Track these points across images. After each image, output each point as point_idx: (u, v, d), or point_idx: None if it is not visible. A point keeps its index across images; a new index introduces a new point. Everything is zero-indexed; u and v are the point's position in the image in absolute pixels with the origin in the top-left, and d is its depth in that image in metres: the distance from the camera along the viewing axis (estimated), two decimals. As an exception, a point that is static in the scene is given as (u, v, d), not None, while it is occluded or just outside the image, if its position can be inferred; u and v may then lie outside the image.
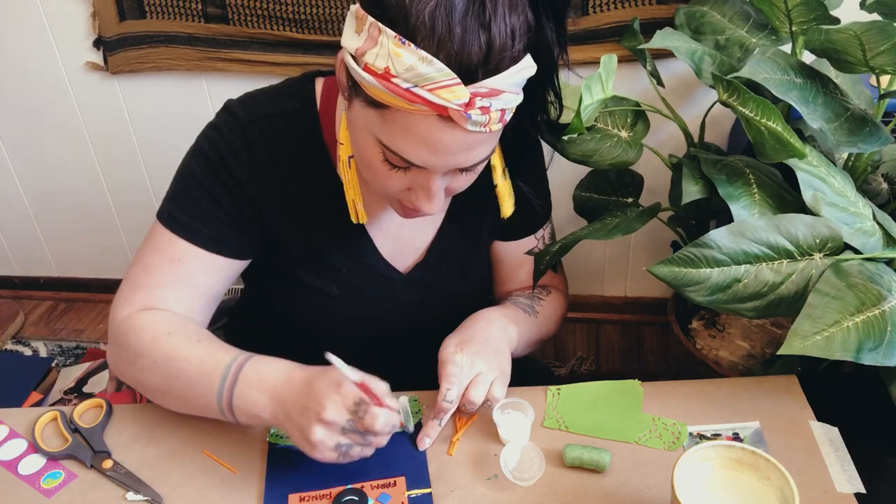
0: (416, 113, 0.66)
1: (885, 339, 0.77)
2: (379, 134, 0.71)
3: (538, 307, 1.02)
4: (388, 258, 0.94)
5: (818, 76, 0.99)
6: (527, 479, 0.77)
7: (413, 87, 0.64)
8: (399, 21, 0.63)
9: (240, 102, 0.87)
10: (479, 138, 0.70)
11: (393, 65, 0.64)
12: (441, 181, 0.75)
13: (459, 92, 0.64)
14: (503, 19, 0.63)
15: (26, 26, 1.72)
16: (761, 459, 0.66)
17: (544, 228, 1.05)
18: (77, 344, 2.02)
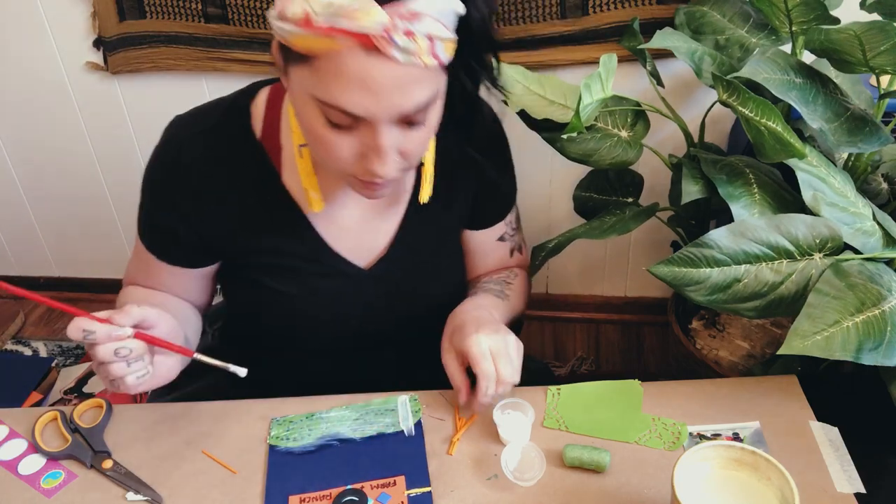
0: (343, 52, 0.66)
1: (885, 339, 0.77)
2: (315, 91, 0.70)
3: (508, 291, 1.02)
4: (346, 254, 0.93)
5: (818, 76, 0.99)
6: (527, 480, 0.77)
7: (332, 19, 0.64)
8: None
9: (182, 120, 0.89)
10: (413, 74, 0.68)
11: (310, 7, 0.64)
12: (389, 135, 0.73)
13: (375, 12, 0.63)
14: None
15: (26, 26, 1.72)
16: (761, 459, 0.66)
17: (511, 212, 1.04)
18: (77, 344, 2.02)
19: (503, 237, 1.04)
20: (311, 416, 0.88)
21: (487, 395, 0.82)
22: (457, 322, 0.89)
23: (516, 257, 1.08)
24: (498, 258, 1.06)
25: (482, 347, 0.82)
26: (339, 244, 0.92)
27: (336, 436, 0.85)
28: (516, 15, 1.47)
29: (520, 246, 1.08)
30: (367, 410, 0.88)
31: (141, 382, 0.77)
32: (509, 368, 0.82)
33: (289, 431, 0.86)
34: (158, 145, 0.88)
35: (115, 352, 0.74)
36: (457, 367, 0.85)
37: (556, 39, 1.48)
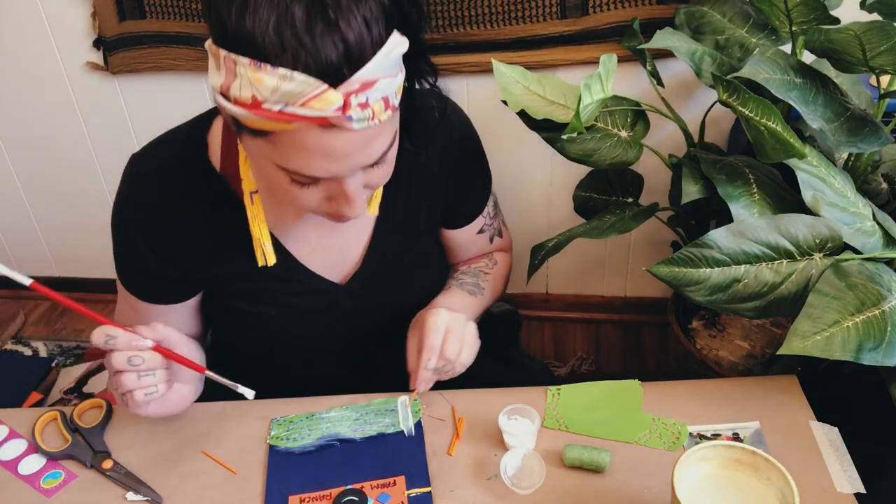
0: (299, 130, 0.65)
1: (885, 339, 0.77)
2: (275, 159, 0.69)
3: (483, 283, 1.02)
4: (320, 271, 0.92)
5: (818, 76, 0.99)
6: (526, 488, 0.77)
7: (284, 107, 0.63)
8: (248, 46, 0.61)
9: (139, 156, 0.87)
10: (372, 132, 0.68)
11: (258, 91, 0.62)
12: (355, 183, 0.73)
13: (330, 97, 0.62)
14: (350, 12, 0.62)
15: (26, 26, 1.72)
16: (761, 459, 0.66)
17: (488, 204, 1.03)
18: (77, 344, 2.02)
19: (482, 229, 1.04)
20: (311, 416, 0.88)
21: (428, 367, 0.83)
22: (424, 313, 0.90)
23: (496, 242, 1.08)
24: (478, 248, 1.07)
25: (438, 322, 0.84)
26: (312, 262, 0.92)
27: (336, 436, 0.85)
28: (516, 15, 1.47)
29: (499, 231, 1.08)
30: (367, 410, 0.88)
31: (149, 400, 0.77)
32: (456, 346, 0.83)
33: (289, 431, 0.86)
34: (119, 187, 0.87)
35: (129, 359, 0.74)
36: (415, 348, 0.86)
37: (556, 39, 1.48)
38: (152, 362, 0.76)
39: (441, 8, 1.47)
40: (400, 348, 0.91)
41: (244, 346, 0.98)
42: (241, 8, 0.61)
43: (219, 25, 0.63)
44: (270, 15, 0.61)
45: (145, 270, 0.89)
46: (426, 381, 0.85)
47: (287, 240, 0.90)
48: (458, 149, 0.94)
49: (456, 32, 1.50)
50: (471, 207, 1.01)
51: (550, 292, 1.96)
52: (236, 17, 0.62)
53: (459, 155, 0.95)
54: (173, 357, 0.79)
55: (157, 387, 0.77)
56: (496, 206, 1.07)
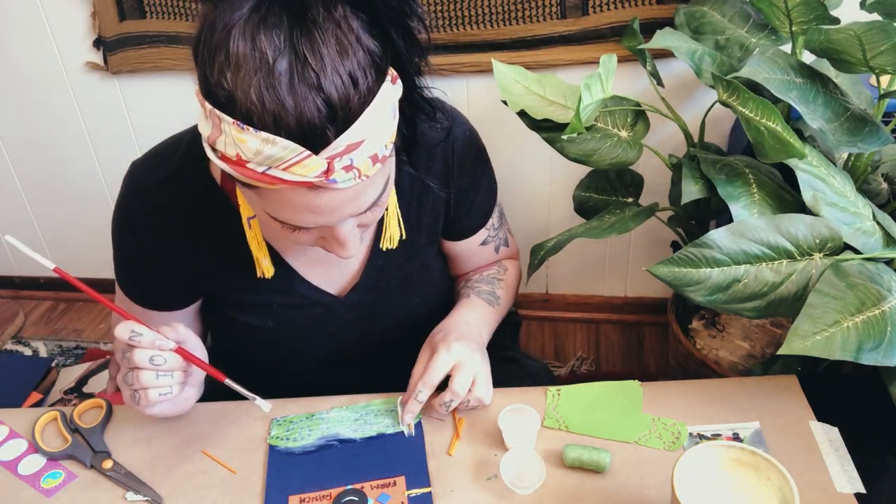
0: (283, 189, 0.64)
1: (885, 339, 0.77)
2: (265, 209, 0.69)
3: (499, 291, 1.01)
4: (320, 284, 0.92)
5: (818, 76, 0.99)
6: (526, 488, 0.77)
7: (267, 169, 0.62)
8: (231, 106, 0.60)
9: (140, 166, 0.87)
10: (360, 187, 0.67)
11: (242, 151, 0.61)
12: (346, 227, 0.72)
13: (313, 163, 0.61)
14: (335, 70, 0.60)
15: (26, 26, 1.72)
16: (761, 459, 0.66)
17: (493, 216, 1.02)
18: (77, 344, 2.02)
19: (486, 241, 1.03)
20: (311, 416, 0.88)
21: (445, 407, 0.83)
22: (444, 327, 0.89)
23: (503, 252, 1.07)
24: (483, 258, 1.06)
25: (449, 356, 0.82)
26: (311, 274, 0.91)
27: (336, 436, 0.85)
28: (516, 15, 1.47)
29: (505, 240, 1.07)
30: (367, 411, 0.88)
31: (161, 400, 0.77)
32: (463, 385, 0.82)
33: (289, 432, 0.86)
34: (119, 197, 0.87)
35: (151, 359, 0.74)
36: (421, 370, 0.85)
37: (556, 39, 1.49)
38: (173, 363, 0.76)
39: (441, 8, 1.48)
40: (399, 359, 0.91)
41: (242, 353, 0.98)
42: (224, 66, 0.60)
43: (204, 80, 0.63)
44: (253, 75, 0.59)
45: (144, 279, 0.90)
46: (412, 412, 0.84)
47: (287, 253, 0.89)
48: (459, 164, 0.93)
49: (456, 32, 1.50)
50: (473, 220, 1.00)
51: (550, 292, 1.96)
52: (219, 75, 0.61)
53: (461, 170, 0.93)
54: (194, 361, 0.78)
55: (171, 388, 0.77)
56: (502, 216, 1.06)
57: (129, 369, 0.75)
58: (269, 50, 0.59)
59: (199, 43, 0.63)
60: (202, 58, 0.63)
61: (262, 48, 0.59)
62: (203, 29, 0.63)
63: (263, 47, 0.59)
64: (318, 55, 0.60)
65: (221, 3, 0.62)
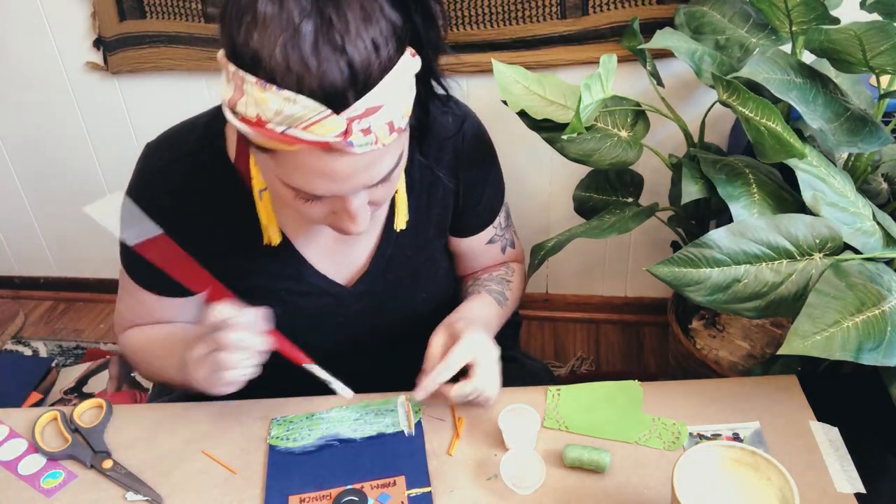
0: (301, 151, 0.65)
1: (885, 339, 0.77)
2: (279, 175, 0.70)
3: (507, 292, 1.01)
4: (328, 273, 0.92)
5: (818, 76, 0.99)
6: (526, 488, 0.77)
7: (287, 129, 0.63)
8: (255, 65, 0.61)
9: (155, 147, 0.87)
10: (375, 155, 0.68)
11: (262, 111, 0.62)
12: (358, 201, 0.73)
13: (333, 123, 0.62)
14: (358, 35, 0.61)
15: (26, 26, 1.72)
16: (761, 459, 0.66)
17: (500, 215, 1.03)
18: (77, 344, 2.02)
19: (493, 239, 1.03)
20: (311, 416, 0.88)
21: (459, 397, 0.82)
22: (464, 314, 0.89)
23: (509, 253, 1.07)
24: (489, 258, 1.06)
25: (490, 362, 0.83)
26: (319, 263, 0.92)
27: (336, 436, 0.85)
28: (516, 15, 1.47)
29: (511, 241, 1.07)
30: (367, 410, 0.88)
31: (236, 382, 0.77)
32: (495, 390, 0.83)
33: (289, 431, 0.86)
34: (133, 179, 0.87)
35: (244, 341, 0.75)
36: (440, 349, 0.84)
37: (556, 39, 1.49)
38: (262, 347, 0.77)
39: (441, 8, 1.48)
40: (403, 353, 0.90)
41: None
42: (251, 26, 0.61)
43: (229, 41, 0.63)
44: (279, 35, 0.60)
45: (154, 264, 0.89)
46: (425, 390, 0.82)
47: (297, 241, 0.90)
48: (468, 157, 0.93)
49: (456, 32, 1.50)
50: (481, 217, 1.00)
51: (550, 292, 1.96)
52: (245, 35, 0.62)
53: (470, 163, 0.94)
54: (285, 346, 0.79)
55: (247, 371, 0.77)
56: (508, 217, 1.06)
57: (217, 349, 0.75)
58: (295, 11, 0.61)
59: (227, 5, 0.64)
60: (229, 20, 0.63)
61: (289, 9, 0.61)
62: None
63: (290, 8, 0.61)
64: (344, 19, 0.61)
65: None
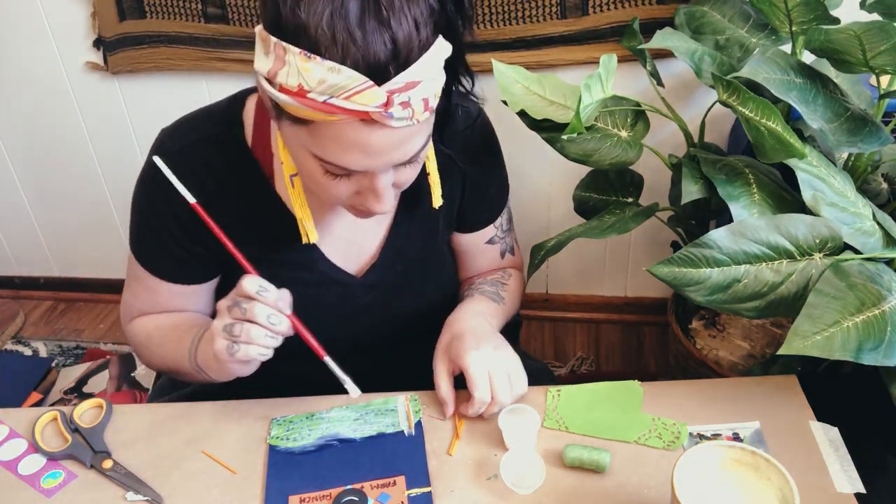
0: (339, 122, 0.66)
1: (885, 339, 0.77)
2: (312, 148, 0.71)
3: (503, 293, 1.01)
4: (339, 263, 0.93)
5: (818, 76, 0.99)
6: (526, 488, 0.77)
7: (329, 98, 0.64)
8: (300, 36, 0.63)
9: (170, 132, 0.88)
10: (409, 132, 0.69)
11: (305, 81, 0.64)
12: (386, 179, 0.74)
13: (375, 94, 0.64)
14: (402, 12, 0.63)
15: (26, 26, 1.72)
16: (761, 459, 0.66)
17: (502, 215, 1.03)
18: (77, 344, 2.02)
19: (493, 240, 1.04)
20: (311, 416, 0.88)
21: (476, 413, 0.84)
22: (454, 330, 0.89)
23: (508, 259, 1.08)
24: (488, 260, 1.06)
25: (481, 370, 0.83)
26: (331, 252, 0.92)
27: (336, 436, 0.85)
28: (516, 15, 1.47)
29: (511, 248, 1.08)
30: (367, 410, 0.88)
31: (256, 359, 0.77)
32: (506, 392, 0.83)
33: (289, 431, 0.86)
34: (147, 160, 0.87)
35: (269, 317, 0.75)
36: (446, 378, 0.86)
37: (556, 39, 1.49)
38: (284, 328, 0.77)
39: (441, 8, 1.48)
40: (413, 346, 0.91)
41: None
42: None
43: (273, 13, 0.65)
44: (325, 8, 0.62)
45: (167, 248, 0.89)
46: None
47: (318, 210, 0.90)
48: (475, 150, 0.95)
49: (456, 32, 1.50)
50: (484, 212, 1.01)
51: (550, 292, 1.96)
52: (291, 7, 0.63)
53: (476, 156, 0.95)
54: (302, 331, 0.79)
55: (269, 350, 0.78)
56: (510, 221, 1.07)
57: (241, 321, 0.76)
58: None
59: None
60: None
61: None
62: None
63: None
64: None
65: None
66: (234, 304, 0.77)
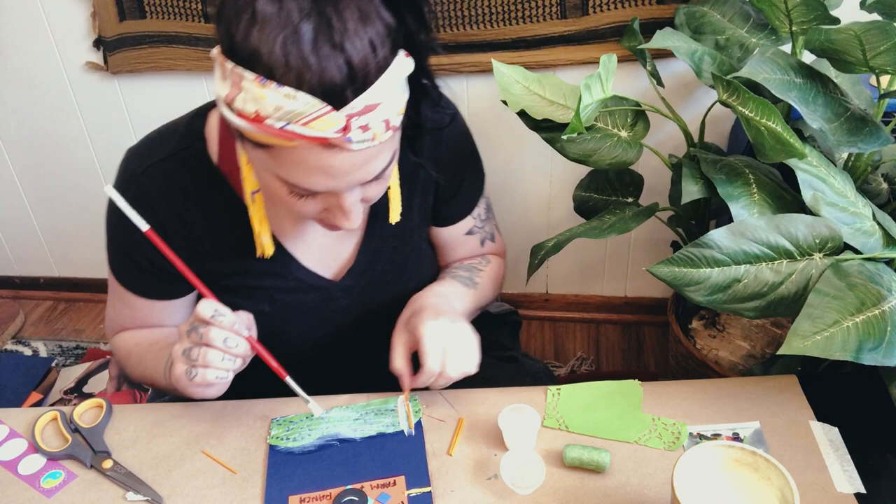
0: (299, 147, 0.66)
1: (885, 339, 0.77)
2: (275, 170, 0.70)
3: (477, 278, 1.01)
4: (315, 268, 0.93)
5: (818, 76, 0.99)
6: (526, 488, 0.77)
7: (286, 125, 0.63)
8: (255, 62, 0.62)
9: (135, 152, 0.87)
10: (372, 152, 0.69)
11: (261, 107, 0.63)
12: (352, 197, 0.74)
13: (332, 119, 0.63)
14: (356, 34, 0.62)
15: (26, 26, 1.72)
16: (761, 459, 0.66)
17: (479, 205, 1.03)
18: (77, 344, 2.02)
19: (472, 231, 1.03)
20: (311, 416, 0.88)
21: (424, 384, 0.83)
22: (415, 306, 0.89)
23: (489, 246, 1.07)
24: (468, 250, 1.06)
25: (435, 340, 0.82)
26: (306, 259, 0.92)
27: (336, 436, 0.85)
28: (516, 15, 1.47)
29: (491, 235, 1.07)
30: (367, 410, 0.88)
31: (214, 383, 0.78)
32: (457, 366, 0.82)
33: (289, 431, 0.86)
34: (115, 181, 0.87)
35: (225, 340, 0.76)
36: (402, 352, 0.86)
37: (556, 39, 1.49)
38: (242, 350, 0.77)
39: (441, 8, 1.48)
40: None
41: None
42: (250, 23, 0.62)
43: (227, 37, 0.64)
44: (278, 33, 0.61)
45: (142, 266, 0.89)
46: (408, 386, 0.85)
47: (284, 237, 0.90)
48: (448, 146, 0.94)
49: (456, 32, 1.50)
50: (460, 206, 1.00)
51: (550, 292, 1.96)
52: (244, 32, 0.62)
53: (449, 152, 0.94)
54: (261, 353, 0.80)
55: (228, 373, 0.78)
56: (489, 210, 1.06)
57: (198, 345, 0.76)
58: (295, 10, 0.62)
59: (224, 3, 0.65)
60: (227, 17, 0.64)
61: (289, 9, 0.62)
62: None
63: (290, 8, 0.62)
64: (342, 19, 0.62)
65: None
66: (192, 328, 0.77)
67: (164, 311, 0.94)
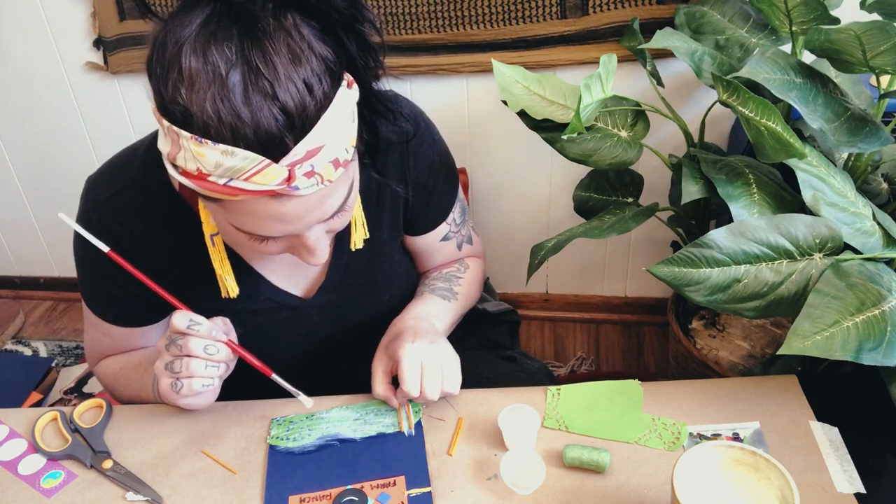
0: (246, 200, 0.64)
1: (885, 339, 0.77)
2: (230, 221, 0.69)
3: (457, 288, 1.01)
4: (286, 288, 0.92)
5: (818, 76, 0.99)
6: (526, 488, 0.77)
7: (229, 181, 0.62)
8: (188, 121, 0.61)
9: (95, 180, 0.86)
10: (324, 192, 0.67)
11: (202, 165, 0.62)
12: (315, 234, 0.72)
13: (274, 171, 0.62)
14: (288, 78, 0.60)
15: (26, 26, 1.72)
16: (761, 459, 0.66)
17: (453, 210, 1.01)
18: (77, 344, 2.02)
19: (447, 236, 1.02)
20: (311, 416, 0.88)
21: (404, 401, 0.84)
22: (395, 330, 0.89)
23: (466, 249, 1.06)
24: (445, 255, 1.05)
25: (413, 361, 0.82)
26: (276, 278, 0.91)
27: (336, 436, 0.85)
28: (516, 15, 1.47)
29: (468, 238, 1.06)
30: (367, 410, 0.88)
31: (202, 391, 0.78)
32: (435, 387, 0.82)
33: (289, 431, 0.86)
34: (78, 212, 0.86)
35: (205, 348, 0.75)
36: (382, 377, 0.86)
37: (556, 39, 1.49)
38: (224, 355, 0.77)
39: (441, 8, 1.48)
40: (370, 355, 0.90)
41: None
42: (178, 81, 0.61)
43: (159, 96, 0.63)
44: (207, 89, 0.60)
45: (115, 295, 0.89)
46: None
47: (252, 258, 0.89)
48: (416, 156, 0.92)
49: (456, 32, 1.50)
50: (434, 213, 0.99)
51: (550, 292, 1.96)
52: (173, 91, 0.61)
53: (419, 162, 0.92)
54: (243, 354, 0.80)
55: (214, 380, 0.78)
56: (464, 212, 1.05)
57: (179, 357, 0.76)
58: (221, 63, 0.60)
59: (152, 61, 0.64)
60: (156, 76, 0.63)
61: (214, 61, 0.60)
62: (154, 47, 0.64)
63: (215, 60, 0.60)
64: (271, 64, 0.60)
65: (171, 20, 0.63)
66: (170, 341, 0.76)
67: (143, 336, 0.94)
